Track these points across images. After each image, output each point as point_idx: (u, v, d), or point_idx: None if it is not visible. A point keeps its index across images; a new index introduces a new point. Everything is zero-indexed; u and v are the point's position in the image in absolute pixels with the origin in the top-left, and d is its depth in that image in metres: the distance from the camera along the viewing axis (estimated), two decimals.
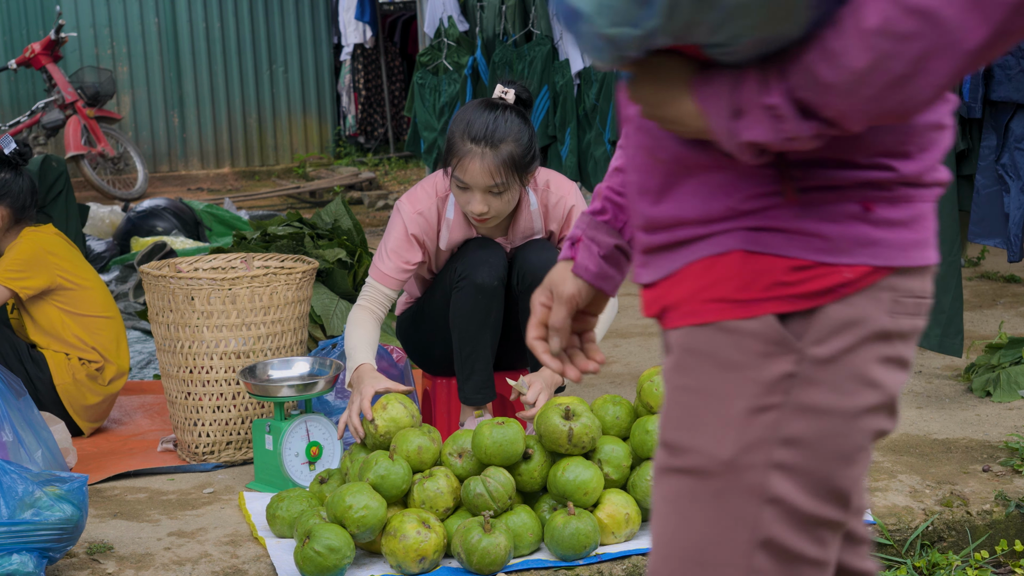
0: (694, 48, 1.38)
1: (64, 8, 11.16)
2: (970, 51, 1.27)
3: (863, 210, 1.46)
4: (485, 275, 3.56)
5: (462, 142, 3.45)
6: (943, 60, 1.28)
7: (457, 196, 3.53)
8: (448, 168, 3.53)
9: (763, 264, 1.46)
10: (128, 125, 11.64)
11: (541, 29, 6.57)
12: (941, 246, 4.08)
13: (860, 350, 1.46)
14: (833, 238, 1.45)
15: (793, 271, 1.45)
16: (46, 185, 5.44)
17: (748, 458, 1.46)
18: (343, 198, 6.20)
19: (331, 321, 4.99)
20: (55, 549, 2.92)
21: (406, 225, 3.58)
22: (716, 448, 1.47)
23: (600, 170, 6.11)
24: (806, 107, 1.35)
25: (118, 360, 4.23)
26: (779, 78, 1.35)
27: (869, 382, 1.47)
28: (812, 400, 1.46)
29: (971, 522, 3.33)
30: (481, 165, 3.43)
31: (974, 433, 3.86)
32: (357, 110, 12.40)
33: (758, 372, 1.46)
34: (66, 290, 4.14)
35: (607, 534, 3.11)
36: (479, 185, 3.46)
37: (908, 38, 1.27)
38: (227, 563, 3.09)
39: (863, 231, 1.46)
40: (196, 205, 7.77)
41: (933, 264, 1.53)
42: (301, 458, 3.54)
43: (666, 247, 1.54)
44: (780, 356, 1.45)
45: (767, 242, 1.46)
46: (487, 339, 3.61)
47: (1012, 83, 3.90)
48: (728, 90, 1.38)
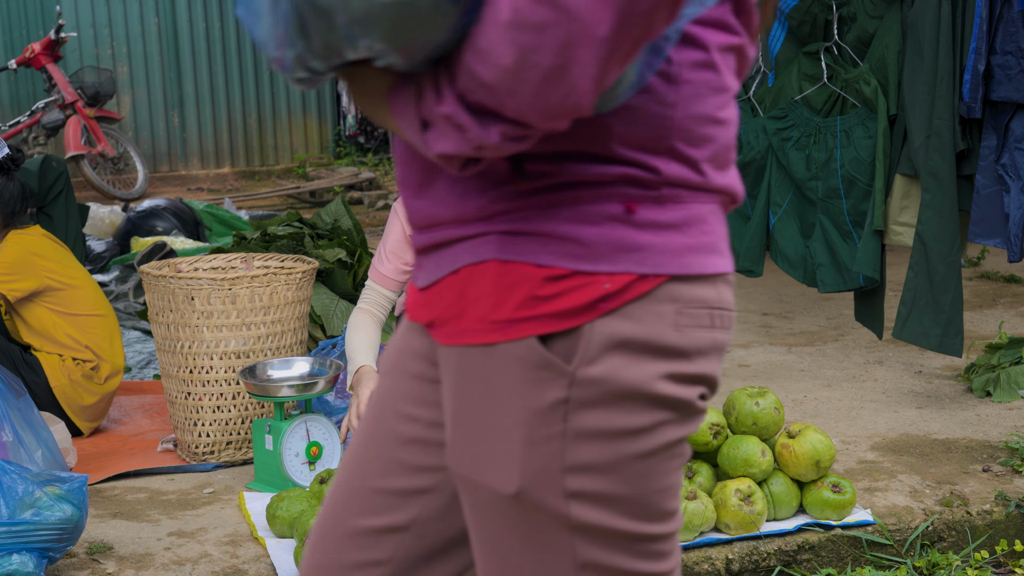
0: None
1: (64, 8, 11.16)
2: (605, 38, 1.19)
3: (625, 211, 1.34)
4: None
5: None
6: (585, 49, 1.19)
7: None
8: None
9: (517, 275, 1.35)
10: (128, 125, 11.64)
11: None
12: (941, 246, 4.08)
13: (637, 367, 1.34)
14: (591, 242, 1.34)
15: (548, 282, 1.34)
16: (46, 185, 5.44)
17: (538, 492, 1.36)
18: (343, 198, 6.20)
19: (331, 321, 4.99)
20: (55, 549, 2.92)
21: (403, 226, 3.58)
22: (502, 484, 1.37)
23: None
24: (485, 110, 1.25)
25: (112, 358, 4.22)
26: (449, 84, 1.26)
27: (653, 400, 1.36)
28: (592, 424, 1.34)
29: (971, 522, 3.33)
30: None
31: (974, 433, 3.86)
32: (357, 110, 12.40)
33: (529, 401, 1.35)
34: (56, 290, 4.13)
35: None
36: None
37: (543, 28, 1.18)
38: (227, 563, 3.09)
39: (625, 234, 1.34)
40: (196, 205, 7.77)
41: (726, 272, 1.42)
42: (301, 458, 3.54)
43: (432, 248, 1.44)
44: (549, 382, 1.34)
45: (522, 248, 1.35)
46: None
47: (1012, 83, 3.91)
48: (413, 101, 1.30)
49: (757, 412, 3.28)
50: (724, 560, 3.12)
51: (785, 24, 4.62)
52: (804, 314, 5.58)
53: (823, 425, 3.96)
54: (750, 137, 4.68)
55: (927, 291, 4.12)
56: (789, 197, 4.59)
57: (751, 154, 4.67)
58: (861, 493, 3.40)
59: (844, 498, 3.22)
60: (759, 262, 4.76)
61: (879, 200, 4.26)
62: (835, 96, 4.41)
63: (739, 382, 4.49)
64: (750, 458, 3.20)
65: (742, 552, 3.14)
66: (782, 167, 4.58)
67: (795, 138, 4.51)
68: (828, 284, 4.49)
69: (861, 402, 4.24)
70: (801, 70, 4.52)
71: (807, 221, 4.56)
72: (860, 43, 4.38)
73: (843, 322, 5.37)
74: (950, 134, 4.03)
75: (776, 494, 3.23)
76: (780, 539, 3.19)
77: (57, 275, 4.15)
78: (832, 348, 4.98)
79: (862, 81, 4.28)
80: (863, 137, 4.30)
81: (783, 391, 4.37)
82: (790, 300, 5.86)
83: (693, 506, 3.09)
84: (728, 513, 3.14)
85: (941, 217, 4.07)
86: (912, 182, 4.22)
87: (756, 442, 3.23)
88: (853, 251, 4.40)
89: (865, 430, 3.93)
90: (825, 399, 4.28)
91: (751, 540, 3.16)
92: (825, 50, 4.44)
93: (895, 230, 4.28)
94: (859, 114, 4.32)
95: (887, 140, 4.24)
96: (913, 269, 4.15)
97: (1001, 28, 3.93)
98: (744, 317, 5.58)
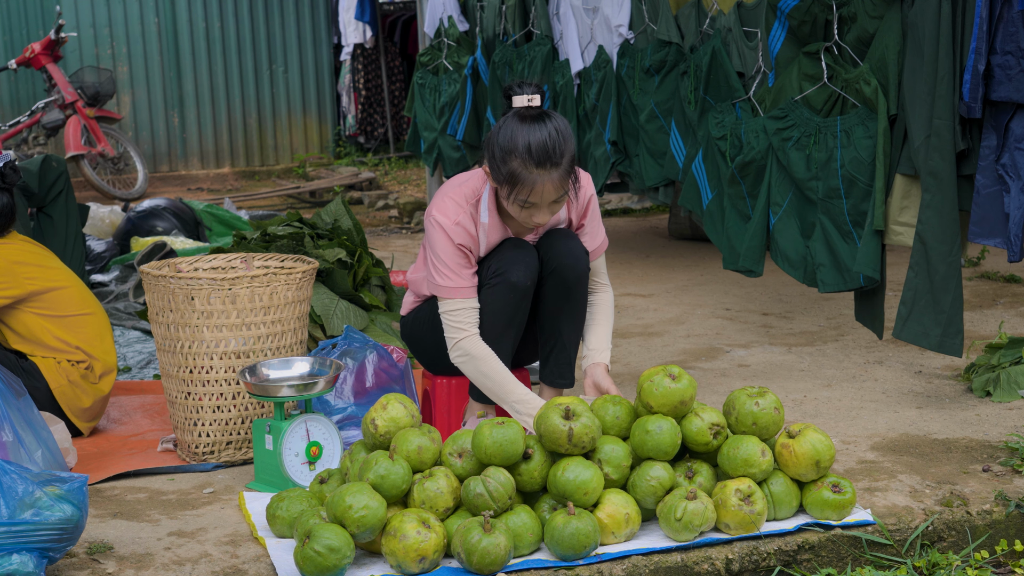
0: None
1: (64, 8, 11.16)
2: None
3: None
4: (521, 274, 3.56)
5: (527, 170, 3.40)
6: None
7: (516, 213, 3.50)
8: (501, 186, 3.48)
9: None
10: (128, 125, 11.64)
11: (541, 29, 6.57)
12: (941, 246, 4.08)
13: None
14: None
15: None
16: (46, 185, 5.44)
17: None
18: (343, 198, 6.20)
19: (331, 321, 4.99)
20: (55, 549, 2.92)
21: (451, 237, 3.54)
22: None
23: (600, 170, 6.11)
24: None
25: (104, 356, 4.20)
26: None
27: None
28: None
29: (971, 522, 3.33)
30: (551, 185, 3.43)
31: (974, 433, 3.86)
32: (357, 110, 12.40)
33: None
34: (40, 294, 4.11)
35: (607, 534, 3.11)
36: (548, 201, 3.46)
37: None
38: (227, 563, 3.09)
39: None
40: (196, 205, 7.77)
41: None
42: (301, 458, 3.54)
43: None
44: None
45: None
46: (510, 338, 3.62)
47: (1012, 83, 3.91)
48: None
49: (757, 412, 3.28)
50: (724, 560, 3.12)
51: (785, 24, 4.62)
52: (804, 314, 5.58)
53: (823, 425, 3.96)
54: (750, 137, 4.67)
55: (927, 291, 4.12)
56: (789, 197, 4.59)
57: (751, 154, 4.66)
58: (861, 493, 3.40)
59: (844, 498, 3.22)
60: (759, 262, 4.76)
61: (879, 200, 4.26)
62: (835, 96, 4.41)
63: (739, 382, 4.50)
64: (750, 458, 3.20)
65: (742, 552, 3.14)
66: (782, 167, 4.58)
67: (795, 138, 4.51)
68: (828, 284, 4.48)
69: (861, 402, 4.24)
70: (801, 70, 4.52)
71: (807, 221, 4.56)
72: (860, 43, 4.38)
73: (843, 322, 5.37)
74: (950, 134, 4.03)
75: (776, 494, 3.23)
76: (780, 539, 3.19)
77: (40, 280, 4.13)
78: (832, 348, 4.98)
79: (862, 81, 4.28)
80: (863, 137, 4.30)
81: (783, 391, 4.37)
82: (790, 300, 5.86)
83: (693, 506, 3.09)
84: (728, 513, 3.14)
85: (941, 217, 4.07)
86: (912, 182, 4.22)
87: (756, 442, 3.23)
88: (853, 251, 4.40)
89: (865, 430, 3.93)
90: (825, 399, 4.28)
91: (751, 540, 3.16)
92: (825, 50, 4.44)
93: (895, 230, 4.28)
94: (859, 114, 4.32)
95: (887, 140, 4.24)
96: (913, 269, 4.15)
97: (1001, 28, 3.93)
98: (744, 317, 5.58)
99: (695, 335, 5.28)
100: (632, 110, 5.78)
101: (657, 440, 3.19)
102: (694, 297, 6.03)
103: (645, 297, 6.07)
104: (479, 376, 3.53)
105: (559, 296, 3.64)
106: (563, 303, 3.66)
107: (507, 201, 3.49)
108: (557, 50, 6.49)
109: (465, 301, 3.56)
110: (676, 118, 5.43)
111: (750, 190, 4.73)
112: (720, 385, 4.46)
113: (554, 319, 3.68)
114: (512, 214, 3.53)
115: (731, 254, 4.87)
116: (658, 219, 8.53)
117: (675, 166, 5.45)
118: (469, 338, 3.54)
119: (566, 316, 3.68)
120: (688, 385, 3.26)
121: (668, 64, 5.49)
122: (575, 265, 3.62)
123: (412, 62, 11.91)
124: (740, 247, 4.80)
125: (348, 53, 12.36)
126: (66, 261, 5.16)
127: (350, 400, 3.92)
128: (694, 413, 3.28)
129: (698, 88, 5.13)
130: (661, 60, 5.52)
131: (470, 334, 3.54)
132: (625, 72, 5.80)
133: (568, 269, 3.62)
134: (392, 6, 13.29)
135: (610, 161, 5.98)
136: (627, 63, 5.78)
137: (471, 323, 3.55)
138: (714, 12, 5.14)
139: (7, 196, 4.20)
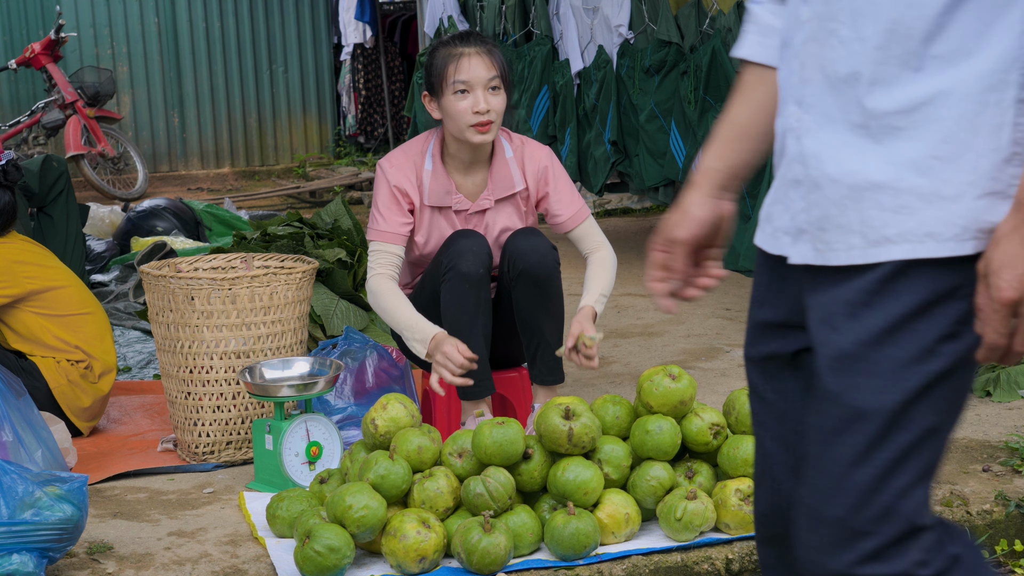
0: None
1: (64, 8, 11.16)
2: None
3: None
4: (470, 264, 3.58)
5: (451, 50, 3.65)
6: None
7: (453, 109, 3.62)
8: (438, 91, 3.65)
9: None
10: (128, 125, 11.64)
11: (541, 29, 6.57)
12: None
13: None
14: None
15: None
16: (46, 185, 5.44)
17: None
18: (343, 198, 6.20)
19: (331, 321, 4.99)
20: (55, 549, 2.92)
21: (388, 179, 3.68)
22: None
23: (600, 170, 6.11)
24: None
25: (103, 356, 4.19)
26: None
27: None
28: None
29: (971, 522, 3.33)
30: (479, 60, 3.62)
31: (974, 433, 3.86)
32: (357, 110, 12.40)
33: None
34: (39, 293, 4.11)
35: (607, 534, 3.11)
36: (480, 80, 3.61)
37: None
38: (227, 563, 3.09)
39: None
40: (196, 205, 7.77)
41: None
42: (301, 458, 3.54)
43: None
44: None
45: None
46: (478, 328, 3.61)
47: None
48: None
49: None
50: (724, 560, 3.12)
51: None
52: None
53: None
54: None
55: None
56: None
57: None
58: None
59: None
60: None
61: None
62: None
63: (739, 382, 4.50)
64: (750, 458, 3.20)
65: (742, 552, 3.14)
66: None
67: None
68: None
69: None
70: None
71: None
72: None
73: None
74: None
75: None
76: None
77: (39, 279, 4.12)
78: None
79: None
80: None
81: None
82: None
83: (693, 506, 3.09)
84: (728, 513, 3.14)
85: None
86: None
87: None
88: None
89: None
90: None
91: (751, 540, 3.16)
92: None
93: None
94: None
95: None
96: None
97: None
98: (744, 317, 5.56)
99: (695, 335, 5.28)
100: (632, 110, 5.78)
101: (657, 440, 3.19)
102: None
103: (645, 297, 6.07)
104: (381, 311, 3.61)
105: (531, 296, 3.64)
106: (537, 301, 3.65)
107: (446, 98, 3.63)
108: (557, 50, 6.50)
109: (386, 245, 3.64)
110: (676, 118, 5.43)
111: (749, 190, 4.73)
112: (720, 385, 4.46)
113: (532, 319, 3.67)
114: (455, 118, 3.62)
115: (731, 254, 4.87)
116: (658, 219, 8.53)
117: (675, 166, 5.45)
118: (375, 277, 3.62)
119: (543, 313, 3.67)
120: (688, 385, 3.26)
121: (668, 64, 5.50)
122: (542, 262, 3.63)
123: (412, 62, 11.90)
124: (740, 247, 4.80)
125: (348, 53, 12.36)
126: (66, 261, 5.15)
127: (350, 400, 3.92)
128: (694, 413, 3.28)
129: (698, 88, 5.13)
130: (661, 60, 5.53)
131: (378, 274, 3.61)
132: (625, 72, 5.80)
133: (535, 267, 3.62)
134: (392, 6, 13.30)
135: (610, 161, 5.98)
136: (627, 63, 5.78)
137: (384, 264, 3.62)
138: (714, 12, 5.14)
139: (9, 194, 4.20)
